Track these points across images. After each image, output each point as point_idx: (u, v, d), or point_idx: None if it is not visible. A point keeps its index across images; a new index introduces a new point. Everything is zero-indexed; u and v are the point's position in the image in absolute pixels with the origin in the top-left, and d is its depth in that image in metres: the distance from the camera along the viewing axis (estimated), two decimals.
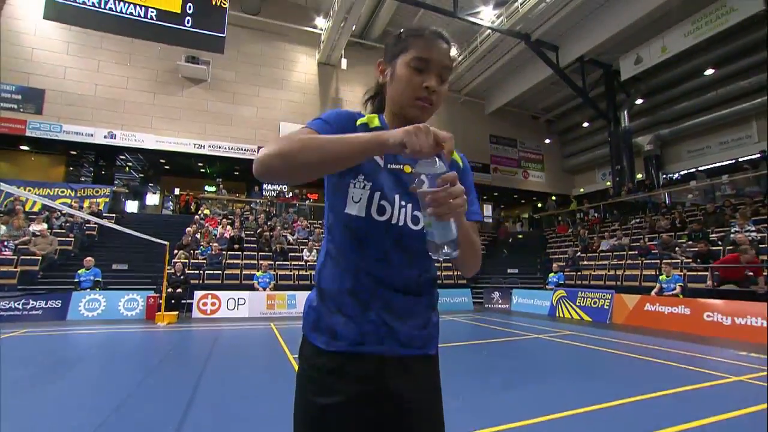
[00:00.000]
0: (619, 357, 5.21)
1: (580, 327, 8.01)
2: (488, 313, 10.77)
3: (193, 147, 15.27)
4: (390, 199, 0.93)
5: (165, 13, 12.24)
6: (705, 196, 13.15)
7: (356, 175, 0.93)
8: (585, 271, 11.43)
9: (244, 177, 19.05)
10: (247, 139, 16.20)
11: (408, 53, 0.95)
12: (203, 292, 9.32)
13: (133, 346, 5.95)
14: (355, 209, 0.92)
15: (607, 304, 8.82)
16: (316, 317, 0.98)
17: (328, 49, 16.90)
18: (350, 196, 0.93)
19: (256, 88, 16.70)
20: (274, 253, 11.70)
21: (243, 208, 15.71)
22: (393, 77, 0.97)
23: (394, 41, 1.00)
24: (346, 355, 0.93)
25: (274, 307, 9.70)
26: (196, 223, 12.50)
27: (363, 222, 0.93)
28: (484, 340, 6.61)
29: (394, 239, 0.93)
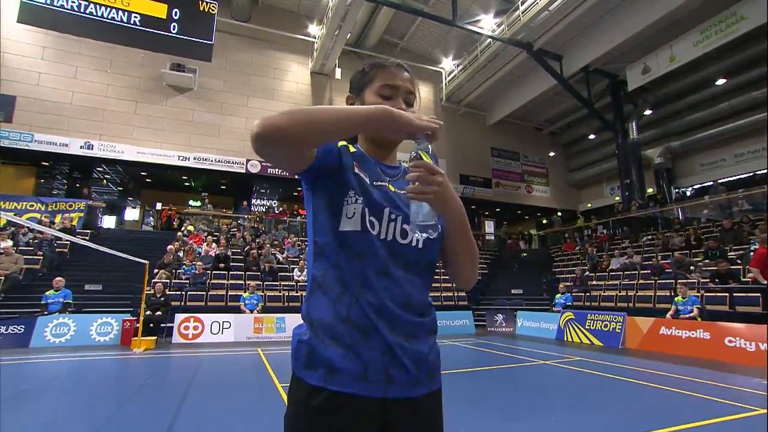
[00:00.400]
0: (634, 386, 5.11)
1: (591, 352, 7.92)
2: (491, 337, 10.68)
3: (177, 159, 15.26)
4: (379, 215, 0.97)
5: (150, 18, 12.36)
6: (721, 211, 13.19)
7: (348, 191, 0.97)
8: (594, 292, 11.36)
9: (231, 191, 19.02)
10: (235, 152, 16.22)
11: (375, 83, 1.05)
12: (185, 314, 9.18)
13: (105, 375, 5.78)
14: (350, 225, 0.95)
15: (619, 328, 8.74)
16: (308, 352, 0.95)
17: (322, 58, 17.11)
18: (344, 214, 0.96)
19: (245, 98, 16.82)
20: (263, 273, 11.61)
21: (230, 224, 15.68)
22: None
23: (360, 75, 1.10)
24: (346, 397, 0.90)
25: (261, 331, 9.60)
26: (178, 240, 12.41)
27: (360, 236, 0.95)
28: (486, 367, 6.50)
29: (390, 253, 0.97)
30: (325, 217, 0.98)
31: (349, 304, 0.94)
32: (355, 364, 0.91)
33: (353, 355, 0.91)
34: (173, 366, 6.64)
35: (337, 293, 0.95)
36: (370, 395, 0.91)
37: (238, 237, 13.95)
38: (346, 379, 0.91)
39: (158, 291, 9.11)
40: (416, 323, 0.98)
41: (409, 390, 0.95)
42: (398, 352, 0.93)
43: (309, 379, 0.93)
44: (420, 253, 1.01)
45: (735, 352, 6.77)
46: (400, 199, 1.02)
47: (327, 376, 0.91)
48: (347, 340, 0.92)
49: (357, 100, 1.09)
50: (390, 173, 1.07)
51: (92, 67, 14.78)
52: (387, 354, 0.92)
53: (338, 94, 18.56)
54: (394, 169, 1.09)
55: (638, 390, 4.91)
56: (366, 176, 1.01)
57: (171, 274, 10.60)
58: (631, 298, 10.05)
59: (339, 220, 0.96)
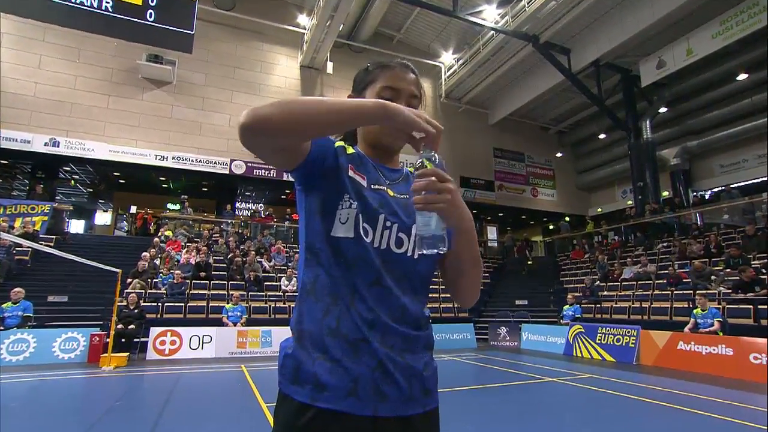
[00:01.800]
0: (649, 406, 5.06)
1: (602, 369, 7.88)
2: (494, 351, 10.65)
3: (154, 158, 15.13)
4: (373, 221, 0.98)
5: (124, 4, 12.14)
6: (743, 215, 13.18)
7: (342, 195, 0.98)
8: (605, 303, 11.35)
9: (213, 194, 18.92)
10: (218, 151, 16.14)
11: (377, 83, 1.08)
12: (161, 328, 9.09)
13: (69, 397, 5.66)
14: (343, 230, 0.97)
15: (633, 342, 8.70)
16: (294, 366, 0.96)
17: (312, 51, 17.10)
18: (337, 218, 0.97)
19: (229, 93, 16.75)
20: (247, 282, 11.56)
21: (212, 229, 15.58)
22: None
23: (363, 74, 1.13)
24: (335, 415, 0.91)
25: (245, 345, 9.55)
26: (155, 246, 12.30)
27: (353, 243, 0.96)
28: (489, 384, 6.47)
29: (383, 262, 0.98)
30: (318, 220, 0.99)
31: (339, 315, 0.94)
32: (344, 379, 0.91)
33: (342, 369, 0.92)
34: (147, 385, 6.57)
35: (327, 303, 0.96)
36: (360, 413, 0.91)
37: (221, 243, 13.87)
38: (334, 396, 0.91)
39: (131, 302, 8.98)
40: (411, 337, 0.99)
41: (402, 408, 0.95)
42: (390, 366, 0.94)
43: (296, 396, 0.93)
44: (416, 263, 1.02)
45: (761, 369, 6.70)
46: (398, 205, 1.03)
47: (314, 392, 0.91)
48: (336, 354, 0.93)
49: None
50: (390, 176, 1.09)
51: (58, 57, 14.56)
52: (378, 369, 0.93)
53: (330, 90, 18.54)
54: (394, 172, 1.11)
55: (654, 410, 4.85)
56: (363, 179, 1.02)
57: (146, 283, 10.49)
58: (646, 310, 10.04)
59: (331, 225, 0.98)
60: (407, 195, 1.06)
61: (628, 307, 10.52)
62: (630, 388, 6.05)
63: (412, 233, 1.01)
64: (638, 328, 8.85)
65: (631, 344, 8.71)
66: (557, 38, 15.69)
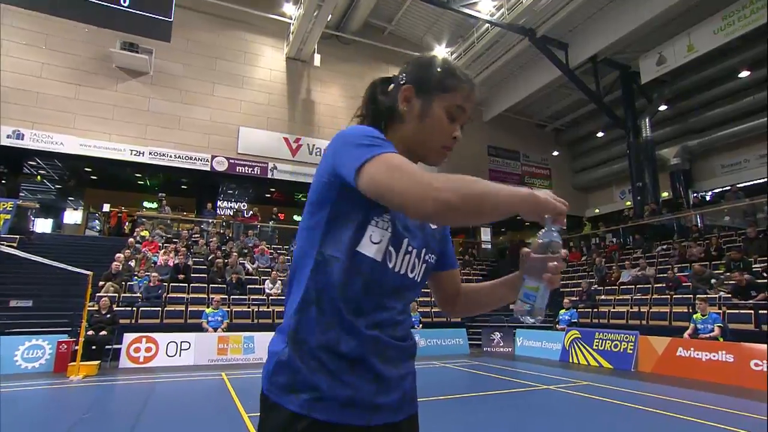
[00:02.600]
0: (648, 414, 5.09)
1: (599, 376, 7.94)
2: (487, 358, 10.68)
3: (130, 153, 14.93)
4: (398, 245, 1.00)
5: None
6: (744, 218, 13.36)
7: (381, 214, 0.97)
8: (603, 308, 11.41)
9: (193, 192, 18.73)
10: (199, 147, 15.99)
11: (449, 97, 1.05)
12: (136, 334, 8.98)
13: (33, 409, 5.53)
14: (372, 251, 0.96)
15: (631, 348, 8.77)
16: (290, 374, 0.95)
17: (299, 42, 17.01)
18: (368, 235, 0.96)
19: (211, 86, 16.61)
20: (229, 286, 11.51)
21: (191, 229, 15.48)
22: (424, 115, 1.04)
23: (434, 74, 1.06)
24: (330, 426, 0.92)
25: (226, 352, 9.51)
26: (130, 247, 12.17)
27: (377, 266, 0.97)
28: (482, 392, 6.47)
29: (395, 287, 1.01)
30: (344, 229, 0.97)
31: (342, 334, 0.95)
32: (341, 391, 0.93)
33: (339, 382, 0.94)
34: (119, 395, 6.49)
35: (331, 317, 0.96)
36: (355, 423, 0.94)
37: (201, 244, 13.80)
38: (331, 407, 0.93)
39: (104, 307, 8.85)
40: (401, 348, 1.04)
41: (392, 416, 1.00)
42: (385, 379, 0.98)
43: (289, 405, 0.93)
44: (416, 286, 1.07)
45: (762, 376, 6.77)
46: (416, 228, 1.05)
47: (311, 402, 0.92)
48: (333, 367, 0.94)
49: (419, 100, 1.06)
50: None
51: (22, 42, 14.17)
52: (374, 382, 0.97)
53: (317, 84, 18.46)
54: None
55: (653, 419, 4.87)
56: None
57: (120, 286, 10.37)
58: (644, 315, 10.10)
59: (359, 240, 0.96)
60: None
61: (626, 312, 10.58)
62: (628, 396, 6.09)
63: (422, 257, 1.06)
64: (636, 333, 8.91)
65: (629, 350, 8.77)
66: (554, 32, 15.80)
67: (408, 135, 1.07)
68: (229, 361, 9.36)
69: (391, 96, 1.10)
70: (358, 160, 0.87)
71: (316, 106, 18.39)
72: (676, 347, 8.08)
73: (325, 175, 0.97)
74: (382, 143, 0.91)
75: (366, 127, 0.98)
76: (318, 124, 18.26)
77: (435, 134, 1.05)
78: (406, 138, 1.07)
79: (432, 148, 1.06)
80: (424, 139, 1.06)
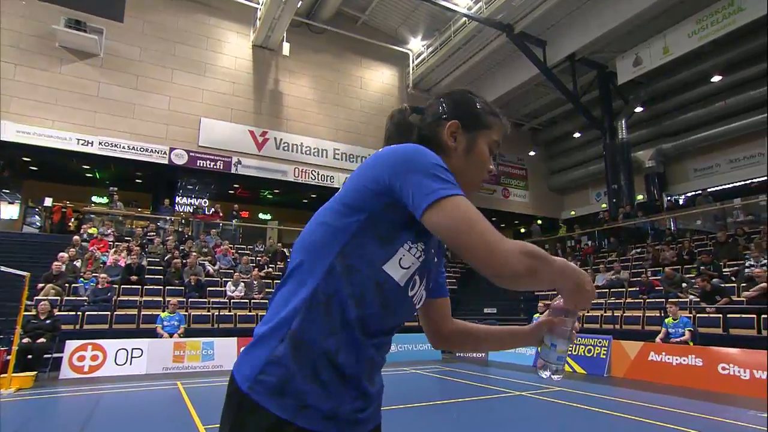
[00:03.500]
0: (620, 420, 5.26)
1: (573, 381, 8.11)
2: (459, 363, 10.78)
3: (77, 143, 14.44)
4: (423, 275, 1.05)
5: None
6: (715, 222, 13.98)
7: (418, 241, 1.00)
8: None
9: (149, 186, 18.26)
10: (156, 138, 15.63)
11: (491, 132, 1.15)
12: (80, 341, 8.71)
13: None
14: (399, 275, 0.98)
15: (604, 353, 9.01)
16: (282, 377, 0.93)
17: (266, 29, 16.83)
18: (398, 257, 0.98)
19: (170, 72, 16.24)
20: (187, 288, 11.36)
21: (146, 227, 15.16)
22: (471, 150, 1.12)
23: (477, 111, 1.15)
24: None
25: (183, 359, 9.35)
26: (76, 245, 11.78)
27: (399, 291, 1.00)
28: (454, 399, 6.55)
29: (405, 315, 1.08)
30: (374, 243, 0.97)
31: (341, 346, 0.96)
32: (328, 403, 0.94)
33: (327, 394, 0.94)
34: (58, 410, 6.27)
35: (336, 325, 0.96)
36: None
37: (157, 243, 13.57)
38: (314, 416, 0.93)
39: (42, 311, 8.48)
40: (383, 363, 1.10)
41: (364, 427, 1.02)
42: (368, 395, 1.02)
43: (274, 409, 0.91)
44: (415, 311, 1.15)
45: (729, 380, 7.10)
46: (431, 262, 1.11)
47: (297, 409, 0.92)
48: (324, 377, 0.94)
49: (464, 136, 1.13)
50: None
51: None
52: (359, 399, 0.99)
53: (286, 74, 18.27)
54: None
55: (625, 425, 5.04)
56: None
57: (63, 289, 10.05)
58: (618, 319, 10.42)
59: (388, 260, 0.97)
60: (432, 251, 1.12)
61: (600, 316, 10.87)
62: (601, 402, 6.27)
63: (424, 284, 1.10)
64: (610, 338, 9.16)
65: (603, 355, 9.01)
66: (533, 29, 16.11)
67: (454, 169, 1.05)
68: (186, 369, 9.20)
69: (431, 128, 1.14)
70: (431, 195, 0.89)
71: (285, 98, 18.21)
72: (648, 351, 8.36)
73: (375, 185, 0.96)
74: (454, 182, 0.94)
75: (432, 152, 0.98)
76: (286, 117, 18.09)
77: (479, 169, 1.14)
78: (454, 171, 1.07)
79: (475, 183, 1.14)
80: (470, 174, 1.12)
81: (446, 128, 1.11)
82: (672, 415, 5.49)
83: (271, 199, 21.21)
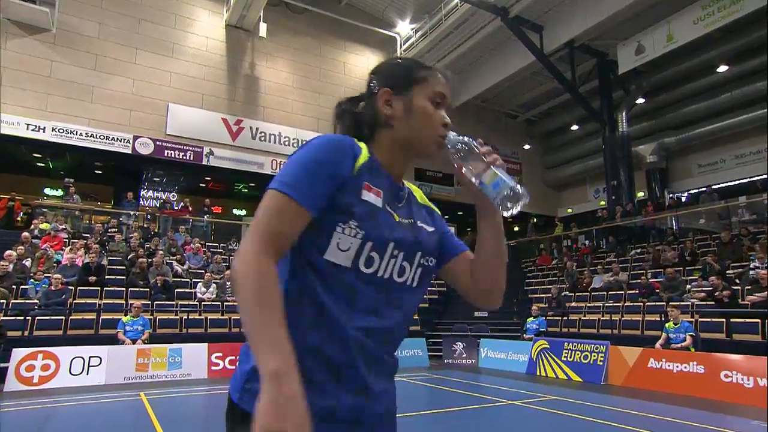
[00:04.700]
0: (617, 431, 5.28)
1: (568, 390, 8.20)
2: (449, 370, 10.82)
3: (26, 128, 14.12)
4: (382, 249, 1.05)
5: None
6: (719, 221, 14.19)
7: (348, 219, 1.02)
8: (573, 315, 11.83)
9: (110, 178, 17.96)
10: (118, 124, 15.38)
11: (427, 86, 1.15)
12: (29, 349, 8.50)
13: None
14: (341, 258, 1.01)
15: (601, 360, 9.09)
16: None
17: (241, 8, 16.67)
18: (335, 241, 1.01)
19: (133, 52, 15.96)
20: (153, 289, 11.27)
21: (107, 222, 14.88)
22: (409, 111, 1.13)
23: (403, 69, 1.18)
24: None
25: (147, 367, 9.24)
26: (25, 242, 11.53)
27: (349, 273, 1.02)
28: (443, 409, 6.59)
29: (384, 292, 1.06)
30: (316, 233, 1.02)
31: (325, 336, 1.00)
32: (322, 401, 0.96)
33: (320, 392, 0.96)
34: (2, 427, 6.07)
35: (312, 318, 1.00)
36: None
37: (119, 240, 13.39)
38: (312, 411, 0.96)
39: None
40: (389, 362, 1.10)
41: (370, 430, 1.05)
42: (372, 392, 1.03)
43: None
44: (413, 292, 1.13)
45: (732, 388, 7.20)
46: (404, 231, 1.11)
47: None
48: (316, 375, 0.97)
49: (400, 98, 1.15)
50: (398, 196, 1.16)
51: None
52: (361, 394, 1.01)
53: (263, 58, 18.10)
54: (401, 191, 1.18)
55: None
56: (378, 197, 1.08)
57: (10, 291, 9.86)
58: (616, 324, 10.53)
59: (326, 246, 1.02)
60: (412, 219, 1.15)
61: (598, 320, 10.98)
62: (597, 411, 6.33)
63: (415, 261, 1.12)
64: (607, 343, 9.23)
65: (600, 362, 9.09)
66: (529, 13, 16.15)
67: (401, 135, 1.15)
68: (150, 379, 9.10)
69: (368, 107, 1.19)
70: (273, 181, 0.99)
71: (262, 84, 18.04)
72: (648, 358, 8.44)
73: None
74: (296, 178, 0.98)
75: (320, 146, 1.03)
76: (263, 104, 17.95)
77: (426, 124, 1.13)
78: (400, 139, 1.15)
79: (428, 140, 1.14)
80: (418, 134, 1.14)
81: (380, 99, 1.15)
82: (672, 425, 5.56)
83: (246, 193, 21.05)
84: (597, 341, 9.54)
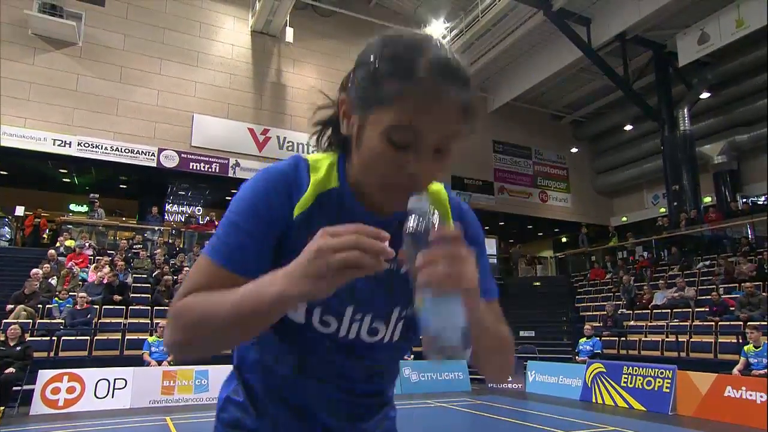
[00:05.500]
0: None
1: (629, 419, 7.91)
2: (493, 396, 10.63)
3: (53, 144, 14.67)
4: (337, 314, 0.94)
5: None
6: None
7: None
8: (632, 336, 11.52)
9: (135, 193, 18.54)
10: (143, 137, 15.83)
11: (385, 112, 0.76)
12: (55, 371, 8.75)
13: None
14: (293, 314, 0.93)
15: (668, 386, 8.71)
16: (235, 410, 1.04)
17: (267, 13, 16.96)
18: None
19: (157, 62, 16.45)
20: None
21: (132, 239, 15.38)
22: (360, 139, 0.82)
23: (369, 75, 0.79)
24: None
25: (173, 390, 9.41)
26: (51, 260, 12.05)
27: (301, 328, 0.94)
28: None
29: (344, 350, 0.97)
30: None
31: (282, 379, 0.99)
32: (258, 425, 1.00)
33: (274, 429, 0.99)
34: None
35: (269, 363, 1.00)
36: None
37: (144, 257, 13.76)
38: None
39: (12, 337, 8.64)
40: (368, 404, 1.05)
41: None
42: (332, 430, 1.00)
43: None
44: (392, 347, 1.01)
45: None
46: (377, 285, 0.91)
47: None
48: (277, 415, 0.99)
49: (355, 116, 0.83)
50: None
51: None
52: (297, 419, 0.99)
53: (289, 64, 18.39)
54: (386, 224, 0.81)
55: None
56: None
57: (36, 311, 10.18)
58: (683, 346, 10.17)
59: None
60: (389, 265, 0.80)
61: (661, 342, 10.67)
62: None
63: (392, 319, 0.96)
64: (674, 368, 8.87)
65: (666, 389, 8.72)
66: (574, 5, 15.93)
67: (355, 163, 0.87)
68: (176, 402, 9.26)
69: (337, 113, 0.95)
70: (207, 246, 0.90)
71: (288, 91, 18.29)
72: (724, 386, 8.01)
73: None
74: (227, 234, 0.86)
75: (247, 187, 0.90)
76: (290, 112, 18.18)
77: (373, 167, 0.80)
78: (355, 166, 0.87)
79: (376, 188, 0.83)
80: (364, 174, 0.84)
81: (340, 107, 0.88)
82: None
83: None
84: (662, 365, 9.22)
